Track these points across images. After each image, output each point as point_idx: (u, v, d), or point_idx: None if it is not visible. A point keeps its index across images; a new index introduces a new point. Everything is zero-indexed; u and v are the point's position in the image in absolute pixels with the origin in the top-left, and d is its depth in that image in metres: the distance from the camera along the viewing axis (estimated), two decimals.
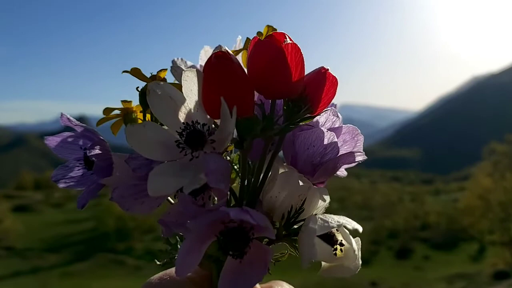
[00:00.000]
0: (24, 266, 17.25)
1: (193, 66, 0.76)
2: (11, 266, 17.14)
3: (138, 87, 0.69)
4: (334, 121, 0.66)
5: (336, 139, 0.62)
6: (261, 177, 0.64)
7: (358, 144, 0.66)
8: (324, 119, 0.65)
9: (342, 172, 0.68)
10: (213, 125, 0.61)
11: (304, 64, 0.60)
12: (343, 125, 0.66)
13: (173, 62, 0.77)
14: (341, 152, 0.64)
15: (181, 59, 0.77)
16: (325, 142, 0.62)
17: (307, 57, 0.61)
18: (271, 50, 0.58)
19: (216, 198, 0.63)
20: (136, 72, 0.68)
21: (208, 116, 0.60)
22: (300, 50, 0.59)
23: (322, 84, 0.62)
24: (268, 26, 0.71)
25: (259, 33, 0.70)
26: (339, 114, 0.66)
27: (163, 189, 0.55)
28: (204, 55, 0.77)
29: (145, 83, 0.69)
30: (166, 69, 0.70)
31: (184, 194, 0.56)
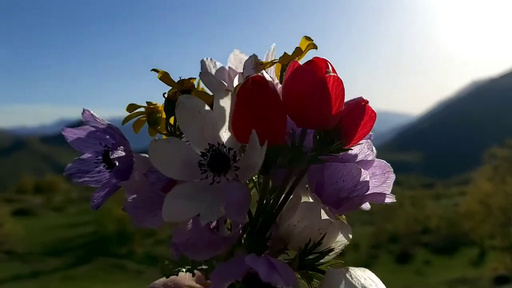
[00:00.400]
0: (25, 270, 17.20)
1: (222, 68, 0.76)
2: (12, 270, 17.08)
3: (165, 93, 0.68)
4: (367, 154, 0.63)
5: (368, 179, 0.60)
6: (280, 200, 0.62)
7: (388, 181, 0.64)
8: (357, 150, 0.63)
9: (366, 205, 0.65)
10: (239, 151, 0.58)
11: (344, 98, 0.58)
12: (375, 159, 0.64)
13: (202, 63, 0.75)
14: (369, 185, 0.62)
15: (210, 59, 0.76)
16: (357, 179, 0.60)
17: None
18: (313, 80, 0.55)
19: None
20: (164, 77, 0.67)
21: (236, 140, 0.57)
22: (342, 83, 0.56)
23: (359, 117, 0.59)
24: (306, 38, 0.68)
25: (298, 50, 0.67)
26: (373, 148, 0.64)
27: (178, 215, 0.54)
28: (234, 58, 0.76)
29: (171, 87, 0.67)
30: (195, 78, 0.69)
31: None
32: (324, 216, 0.62)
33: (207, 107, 0.57)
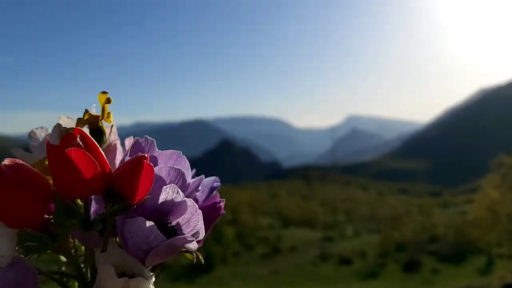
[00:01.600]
0: None
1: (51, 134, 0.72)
2: None
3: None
4: (175, 198, 0.65)
5: (154, 229, 0.61)
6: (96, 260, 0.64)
7: (199, 217, 0.65)
8: (163, 197, 0.64)
9: (192, 245, 0.65)
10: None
11: (95, 166, 0.58)
12: (187, 199, 0.65)
13: (31, 134, 0.72)
14: (189, 224, 0.65)
15: (41, 127, 0.73)
16: (146, 231, 0.61)
17: (307, 70, 0.55)
18: (55, 156, 0.58)
19: None
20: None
21: None
22: (85, 154, 0.57)
23: (136, 175, 0.60)
24: (103, 93, 0.69)
25: (85, 116, 0.70)
26: (179, 190, 0.65)
27: None
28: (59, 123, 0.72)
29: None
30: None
31: None
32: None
33: None
